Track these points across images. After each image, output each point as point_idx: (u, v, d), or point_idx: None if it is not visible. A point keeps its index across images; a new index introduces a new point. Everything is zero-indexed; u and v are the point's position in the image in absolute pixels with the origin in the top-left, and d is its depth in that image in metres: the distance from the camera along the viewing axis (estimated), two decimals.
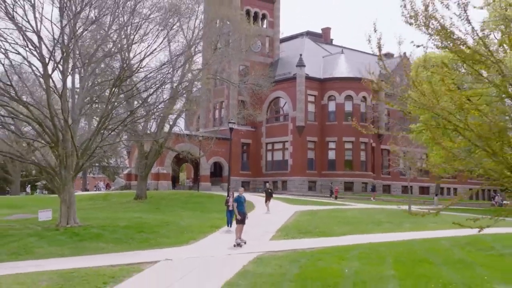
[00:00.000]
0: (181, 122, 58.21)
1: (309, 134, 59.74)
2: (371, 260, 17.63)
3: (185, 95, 43.10)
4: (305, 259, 17.86)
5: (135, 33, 27.72)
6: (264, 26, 67.52)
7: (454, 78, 10.19)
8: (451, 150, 8.76)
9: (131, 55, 29.64)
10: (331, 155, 60.68)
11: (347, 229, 26.60)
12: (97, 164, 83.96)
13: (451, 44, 8.26)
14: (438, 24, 8.53)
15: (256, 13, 66.03)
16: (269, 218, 31.65)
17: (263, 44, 66.53)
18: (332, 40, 77.38)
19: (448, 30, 8.27)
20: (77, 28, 23.58)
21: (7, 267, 16.65)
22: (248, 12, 64.66)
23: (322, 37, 76.06)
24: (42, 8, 24.34)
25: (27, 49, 23.59)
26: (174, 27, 40.80)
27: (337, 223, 28.77)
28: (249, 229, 24.81)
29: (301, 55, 60.46)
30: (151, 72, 28.14)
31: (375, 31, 10.38)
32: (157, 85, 31.01)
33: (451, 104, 9.57)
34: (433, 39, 8.98)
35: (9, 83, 21.98)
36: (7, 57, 24.31)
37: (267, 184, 43.75)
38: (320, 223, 28.85)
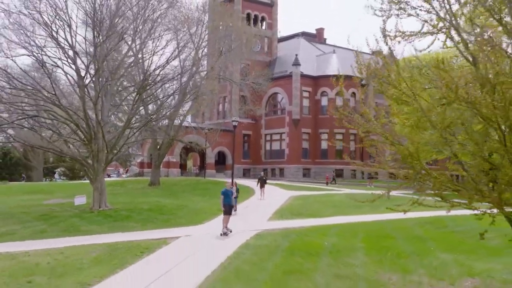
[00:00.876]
0: (188, 116, 61.55)
1: (303, 126, 63.11)
2: (346, 236, 21.23)
3: (192, 98, 46.34)
4: (294, 235, 21.47)
5: (155, 45, 31.22)
6: (263, 27, 70.59)
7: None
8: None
9: (151, 66, 33.15)
10: (324, 145, 64.07)
11: (332, 211, 30.12)
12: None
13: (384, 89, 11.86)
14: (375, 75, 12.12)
15: (256, 16, 69.06)
16: (267, 203, 34.90)
17: (262, 44, 69.53)
18: (325, 39, 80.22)
19: (382, 80, 11.85)
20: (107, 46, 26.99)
21: (63, 241, 20.21)
22: (248, 15, 67.71)
23: (316, 37, 78.91)
24: (77, 27, 27.80)
25: (65, 63, 27.03)
26: (185, 34, 44.20)
27: (324, 207, 32.22)
28: (250, 212, 28.36)
29: (296, 55, 63.68)
30: (167, 81, 31.66)
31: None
32: (170, 93, 34.54)
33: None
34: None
35: (53, 92, 25.41)
36: (46, 68, 27.85)
37: (262, 173, 46.71)
38: (310, 207, 32.33)
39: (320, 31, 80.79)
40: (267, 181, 44.41)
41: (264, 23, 70.85)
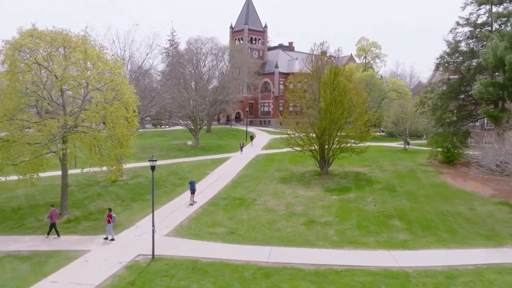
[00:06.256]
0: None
1: (280, 99, 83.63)
2: (285, 156, 44.60)
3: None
4: (268, 156, 45.35)
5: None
6: (259, 44, 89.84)
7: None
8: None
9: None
10: (290, 108, 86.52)
11: (284, 146, 53.92)
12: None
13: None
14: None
15: (255, 38, 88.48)
16: (257, 144, 54.82)
17: (258, 53, 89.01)
18: (294, 47, 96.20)
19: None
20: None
21: (194, 158, 43.46)
22: (251, 38, 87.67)
23: (289, 47, 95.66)
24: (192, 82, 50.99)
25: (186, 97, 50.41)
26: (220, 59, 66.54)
27: (282, 144, 55.96)
28: (251, 149, 51.72)
29: (277, 62, 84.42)
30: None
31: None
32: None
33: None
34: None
35: (185, 108, 49.06)
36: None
37: (252, 133, 64.17)
38: (277, 144, 54.60)
39: (291, 43, 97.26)
40: (261, 128, 66.89)
41: (259, 41, 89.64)
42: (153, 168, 17.41)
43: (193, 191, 26.39)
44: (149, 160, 17.43)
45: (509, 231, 22.29)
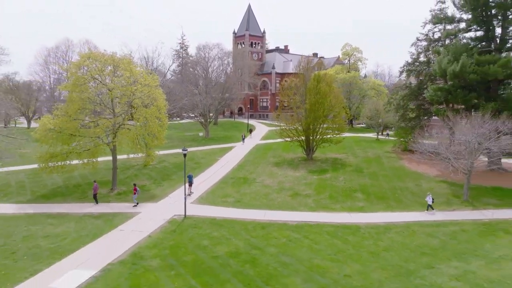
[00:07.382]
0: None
1: (276, 96, 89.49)
2: (278, 145, 50.58)
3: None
4: (266, 145, 51.32)
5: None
6: (258, 47, 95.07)
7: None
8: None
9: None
10: (286, 104, 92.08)
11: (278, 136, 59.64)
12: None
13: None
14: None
15: (255, 43, 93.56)
16: (256, 136, 61.10)
17: (258, 55, 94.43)
18: (289, 50, 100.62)
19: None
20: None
21: (198, 149, 50.12)
22: (252, 43, 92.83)
23: (284, 50, 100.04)
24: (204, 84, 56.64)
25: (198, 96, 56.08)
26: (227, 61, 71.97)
27: (277, 135, 61.74)
28: (251, 140, 57.69)
29: (274, 63, 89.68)
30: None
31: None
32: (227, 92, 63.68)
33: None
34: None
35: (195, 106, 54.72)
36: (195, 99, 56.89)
37: (252, 127, 69.44)
38: (273, 135, 60.86)
39: (286, 46, 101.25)
40: (260, 121, 72.71)
41: (259, 45, 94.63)
42: (185, 155, 23.43)
43: (190, 184, 27.93)
44: (182, 149, 23.38)
45: (440, 201, 28.27)
